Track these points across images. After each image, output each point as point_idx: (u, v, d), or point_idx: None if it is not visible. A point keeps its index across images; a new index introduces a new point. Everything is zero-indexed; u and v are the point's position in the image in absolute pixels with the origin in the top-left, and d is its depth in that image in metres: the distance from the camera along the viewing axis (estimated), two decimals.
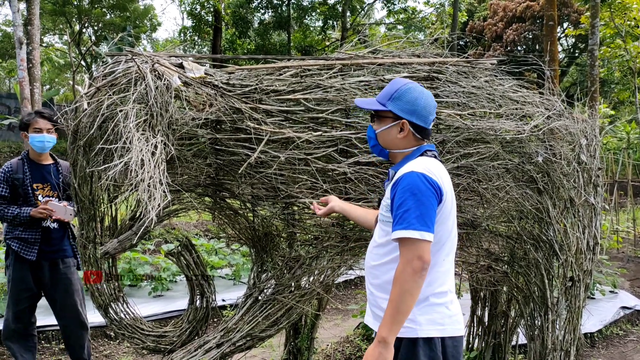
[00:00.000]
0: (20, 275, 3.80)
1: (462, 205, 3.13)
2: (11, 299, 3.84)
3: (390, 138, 2.19)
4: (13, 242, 3.78)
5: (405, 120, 2.13)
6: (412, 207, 1.92)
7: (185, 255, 3.27)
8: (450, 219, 2.08)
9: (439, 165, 2.09)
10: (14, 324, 3.84)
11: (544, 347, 3.40)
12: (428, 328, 2.02)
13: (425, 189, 1.94)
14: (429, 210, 1.93)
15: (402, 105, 2.14)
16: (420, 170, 1.98)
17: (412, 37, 19.46)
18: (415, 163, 2.05)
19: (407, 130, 2.14)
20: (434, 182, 1.97)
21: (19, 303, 3.83)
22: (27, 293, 3.82)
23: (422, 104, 2.14)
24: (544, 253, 3.38)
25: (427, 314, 2.03)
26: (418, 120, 2.14)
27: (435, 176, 1.99)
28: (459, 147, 3.05)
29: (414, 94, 2.15)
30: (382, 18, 29.90)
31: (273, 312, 3.13)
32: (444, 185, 2.02)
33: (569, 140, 3.40)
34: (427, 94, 2.18)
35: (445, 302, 2.07)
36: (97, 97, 2.82)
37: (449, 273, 2.12)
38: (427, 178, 1.96)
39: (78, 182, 2.95)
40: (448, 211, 2.06)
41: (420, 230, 1.90)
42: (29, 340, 3.91)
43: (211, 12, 23.70)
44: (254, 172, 2.97)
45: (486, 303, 4.16)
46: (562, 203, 3.37)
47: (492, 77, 3.41)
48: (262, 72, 3.13)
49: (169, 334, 3.29)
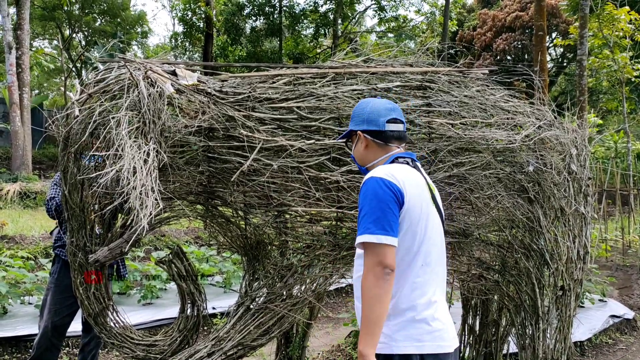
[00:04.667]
0: (66, 284, 3.59)
1: (454, 213, 3.14)
2: (52, 307, 3.73)
3: (359, 154, 2.22)
4: (62, 251, 3.74)
5: (359, 131, 2.17)
6: (368, 212, 1.90)
7: (177, 263, 3.24)
8: (420, 225, 1.99)
9: (407, 170, 2.04)
10: (52, 334, 3.73)
11: (535, 356, 3.41)
12: (405, 344, 1.93)
13: (382, 192, 1.91)
14: (386, 214, 1.89)
15: (355, 120, 2.21)
16: (379, 175, 1.96)
17: (403, 46, 19.56)
18: (377, 169, 2.03)
19: (363, 139, 2.17)
20: (391, 185, 1.93)
21: (62, 312, 3.72)
22: (70, 301, 3.66)
23: (368, 110, 2.17)
24: (535, 262, 3.39)
25: (403, 329, 1.94)
26: (369, 126, 2.15)
27: (395, 179, 1.95)
28: (451, 156, 3.06)
29: (362, 105, 2.22)
30: (373, 26, 30.07)
31: (265, 320, 3.11)
32: (407, 188, 1.96)
33: (559, 150, 3.43)
34: (375, 101, 2.21)
35: (425, 317, 1.96)
36: (88, 104, 2.81)
37: (431, 283, 2.01)
38: (384, 182, 1.93)
39: (68, 190, 2.92)
40: (417, 216, 1.98)
41: (377, 233, 1.86)
42: (59, 351, 3.87)
43: (202, 18, 23.72)
44: (247, 180, 2.96)
45: (477, 312, 4.17)
46: (553, 212, 3.39)
47: (484, 87, 3.44)
48: (255, 80, 3.13)
49: (160, 342, 3.25)
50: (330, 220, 3.11)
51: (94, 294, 3.09)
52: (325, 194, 2.95)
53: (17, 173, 15.53)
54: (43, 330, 3.74)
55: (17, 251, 6.93)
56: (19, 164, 15.96)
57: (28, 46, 16.50)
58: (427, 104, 3.11)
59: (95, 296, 3.10)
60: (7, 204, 12.21)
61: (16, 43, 15.76)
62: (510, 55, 28.57)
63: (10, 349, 4.44)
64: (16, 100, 15.89)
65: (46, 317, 3.75)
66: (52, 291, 3.76)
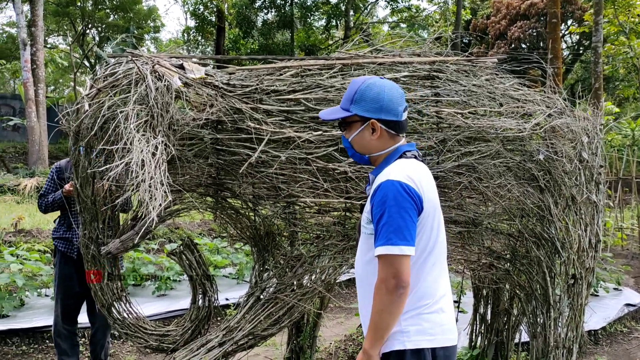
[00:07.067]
0: (65, 273, 3.89)
1: (464, 203, 3.13)
2: (58, 297, 3.92)
3: (364, 142, 2.04)
4: (59, 242, 3.91)
5: (374, 119, 2.00)
6: (389, 221, 1.81)
7: (187, 254, 3.28)
8: (434, 225, 1.97)
9: (419, 167, 1.98)
10: (62, 322, 3.91)
11: (547, 344, 3.40)
12: (417, 338, 1.91)
13: (402, 199, 1.83)
14: (407, 223, 1.82)
15: (366, 105, 1.99)
16: (398, 178, 1.86)
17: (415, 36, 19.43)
18: (392, 168, 1.93)
19: (379, 129, 2.00)
20: (412, 191, 1.85)
21: (66, 300, 3.90)
22: (72, 291, 3.88)
23: (386, 97, 1.98)
24: (546, 251, 3.37)
25: (416, 323, 1.92)
26: (387, 115, 1.99)
27: (414, 183, 1.88)
28: (460, 146, 3.05)
29: (375, 89, 2.00)
30: (385, 17, 29.88)
31: (275, 310, 3.14)
32: (424, 191, 1.91)
33: (570, 138, 3.40)
34: (389, 85, 2.02)
35: (436, 310, 1.95)
36: (98, 99, 2.84)
37: (439, 279, 2.00)
38: (404, 187, 1.85)
39: (80, 183, 2.96)
40: (432, 217, 1.95)
41: (399, 244, 1.80)
42: (74, 339, 3.99)
43: (214, 12, 23.75)
44: (255, 172, 2.98)
45: (489, 301, 4.16)
46: (564, 201, 3.37)
47: (493, 76, 3.41)
48: (262, 72, 3.14)
49: (172, 332, 3.30)
50: (339, 211, 3.12)
51: (107, 285, 3.15)
52: (333, 185, 2.96)
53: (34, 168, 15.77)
54: (54, 319, 3.94)
55: (33, 245, 7.06)
56: (35, 159, 16.20)
57: (42, 43, 16.66)
58: (435, 94, 3.10)
59: (108, 287, 3.16)
60: (25, 198, 12.41)
61: (30, 40, 15.92)
62: (525, 44, 28.22)
63: (27, 340, 4.54)
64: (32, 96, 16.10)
65: (55, 307, 3.96)
66: (56, 281, 3.94)
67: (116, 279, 3.17)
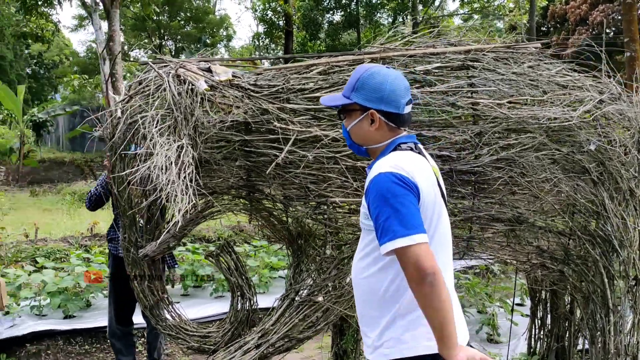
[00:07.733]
0: (117, 273, 3.97)
1: (504, 199, 2.93)
2: (111, 298, 4.07)
3: (362, 133, 1.94)
4: (110, 244, 4.06)
5: (373, 109, 1.89)
6: (391, 214, 1.69)
7: (225, 257, 3.30)
8: (434, 217, 1.84)
9: (413, 158, 1.85)
10: (116, 322, 4.04)
11: (606, 351, 3.12)
12: (415, 345, 1.78)
13: (396, 187, 1.71)
14: (410, 211, 1.69)
15: (366, 94, 1.89)
16: (388, 170, 1.75)
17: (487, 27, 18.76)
18: (383, 161, 1.82)
19: (378, 120, 1.89)
20: (405, 179, 1.73)
21: (118, 301, 4.03)
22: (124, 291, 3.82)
23: (388, 88, 1.88)
24: (602, 250, 3.09)
25: (412, 329, 1.79)
26: (388, 107, 1.88)
27: (405, 171, 1.75)
28: (498, 138, 2.87)
29: (378, 78, 1.89)
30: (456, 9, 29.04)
31: (309, 313, 3.09)
32: (418, 179, 1.77)
33: (626, 126, 3.10)
34: (394, 75, 1.92)
35: None
36: (129, 105, 2.93)
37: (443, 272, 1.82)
38: (395, 175, 1.73)
39: (117, 188, 3.06)
40: (431, 207, 1.82)
41: (408, 235, 1.65)
42: (130, 339, 4.12)
43: (282, 16, 24.09)
44: (284, 173, 2.95)
45: (547, 304, 3.90)
46: (621, 195, 3.07)
47: (538, 62, 3.18)
48: (290, 71, 3.10)
49: (213, 334, 3.34)
50: None
51: (148, 287, 3.23)
52: (362, 183, 2.87)
53: None
54: (108, 320, 4.08)
55: (105, 248, 7.42)
56: None
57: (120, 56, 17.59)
58: (470, 84, 2.93)
59: (149, 289, 3.24)
60: None
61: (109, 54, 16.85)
62: (610, 28, 26.46)
63: (90, 339, 4.76)
64: None
65: (108, 308, 4.08)
66: (110, 284, 4.07)
67: (155, 281, 3.24)
